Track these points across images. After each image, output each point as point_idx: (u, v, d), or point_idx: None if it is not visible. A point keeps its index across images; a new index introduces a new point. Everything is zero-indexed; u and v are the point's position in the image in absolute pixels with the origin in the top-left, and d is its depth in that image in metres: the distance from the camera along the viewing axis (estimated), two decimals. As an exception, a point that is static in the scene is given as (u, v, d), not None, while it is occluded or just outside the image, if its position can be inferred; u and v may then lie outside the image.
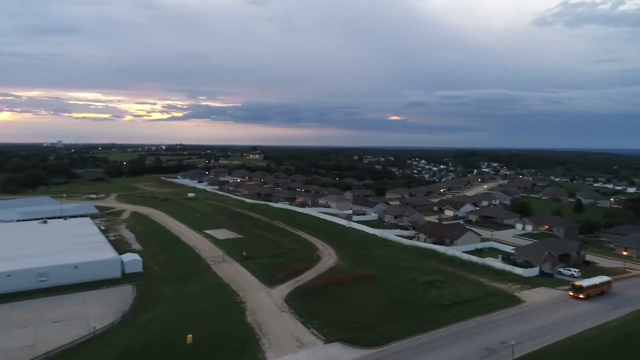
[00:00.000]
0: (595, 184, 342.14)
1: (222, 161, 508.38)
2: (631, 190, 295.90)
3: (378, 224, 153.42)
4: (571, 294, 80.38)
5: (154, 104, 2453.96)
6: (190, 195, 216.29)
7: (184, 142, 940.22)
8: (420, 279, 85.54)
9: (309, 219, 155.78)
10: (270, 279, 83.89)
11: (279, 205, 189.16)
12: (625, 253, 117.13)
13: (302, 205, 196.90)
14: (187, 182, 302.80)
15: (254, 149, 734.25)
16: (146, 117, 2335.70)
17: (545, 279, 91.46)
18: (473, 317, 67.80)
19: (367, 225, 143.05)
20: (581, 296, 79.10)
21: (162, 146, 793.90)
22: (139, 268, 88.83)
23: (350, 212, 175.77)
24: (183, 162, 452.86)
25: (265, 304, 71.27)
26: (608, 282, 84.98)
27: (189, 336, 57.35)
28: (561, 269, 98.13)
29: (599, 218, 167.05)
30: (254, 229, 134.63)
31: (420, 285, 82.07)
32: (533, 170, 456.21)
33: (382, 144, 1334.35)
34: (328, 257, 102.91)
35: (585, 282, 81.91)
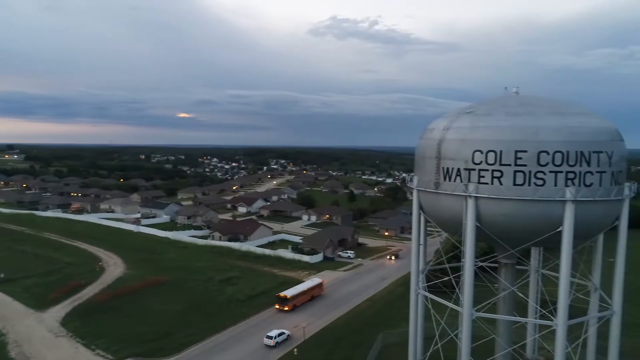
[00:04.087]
0: (363, 177, 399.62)
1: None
2: (389, 181, 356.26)
3: (171, 225, 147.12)
4: (277, 307, 69.51)
5: None
6: None
7: None
8: (217, 277, 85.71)
9: (89, 227, 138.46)
10: (41, 302, 71.32)
11: (50, 213, 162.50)
12: (387, 233, 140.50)
13: (80, 211, 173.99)
14: None
15: (10, 147, 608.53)
16: None
17: (328, 263, 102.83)
18: (268, 307, 71.25)
19: (158, 228, 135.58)
20: (286, 308, 68.57)
21: None
22: None
23: (138, 215, 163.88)
24: None
25: (36, 332, 60.30)
26: (319, 285, 77.81)
27: None
28: (340, 253, 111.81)
29: (367, 205, 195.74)
30: (15, 244, 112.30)
31: (217, 284, 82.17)
32: (315, 166, 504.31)
33: (171, 142, 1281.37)
34: (115, 267, 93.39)
35: (290, 292, 70.83)
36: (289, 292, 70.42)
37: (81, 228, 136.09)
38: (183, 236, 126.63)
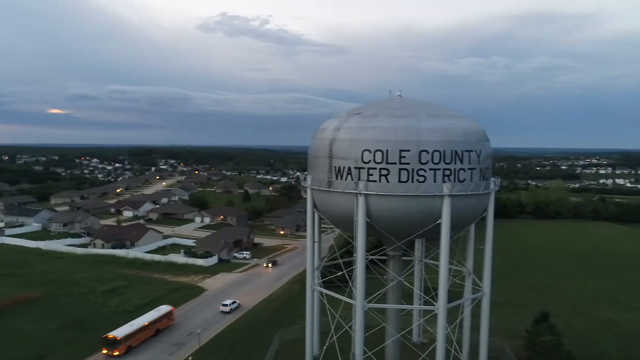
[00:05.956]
0: (258, 176, 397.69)
1: None
2: (284, 180, 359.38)
3: (43, 234, 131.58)
4: (105, 352, 53.64)
5: None
6: None
7: None
8: (100, 288, 78.77)
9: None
10: None
11: None
12: (282, 232, 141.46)
13: None
14: None
15: None
16: None
17: (224, 265, 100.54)
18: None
19: (27, 239, 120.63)
20: (116, 353, 53.19)
21: None
22: None
23: (1, 224, 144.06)
24: None
25: None
26: (167, 315, 63.09)
27: None
28: (236, 254, 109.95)
29: (262, 205, 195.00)
30: None
31: (100, 296, 75.54)
32: (207, 166, 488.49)
33: (41, 141, 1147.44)
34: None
35: (123, 330, 55.13)
36: (120, 332, 54.55)
37: None
38: (58, 245, 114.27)
